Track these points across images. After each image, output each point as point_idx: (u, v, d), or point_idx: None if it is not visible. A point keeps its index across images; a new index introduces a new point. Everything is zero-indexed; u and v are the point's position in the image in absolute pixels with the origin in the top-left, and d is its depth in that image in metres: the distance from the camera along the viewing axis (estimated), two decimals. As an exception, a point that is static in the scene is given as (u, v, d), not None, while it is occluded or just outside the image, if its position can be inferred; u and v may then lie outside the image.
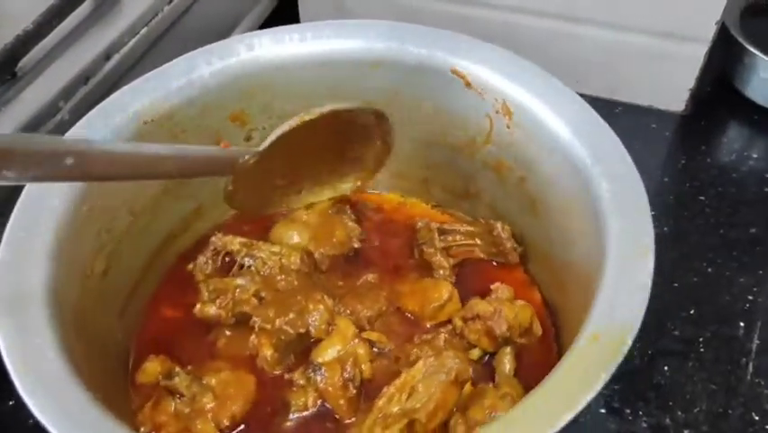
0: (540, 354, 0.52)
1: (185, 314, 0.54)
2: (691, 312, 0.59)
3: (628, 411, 0.53)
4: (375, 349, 0.51)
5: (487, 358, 0.51)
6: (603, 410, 0.54)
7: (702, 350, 0.57)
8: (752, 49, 0.71)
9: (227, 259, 0.55)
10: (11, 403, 0.54)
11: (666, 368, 0.56)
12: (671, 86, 0.73)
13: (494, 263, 0.57)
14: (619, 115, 0.75)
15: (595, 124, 0.50)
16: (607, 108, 0.75)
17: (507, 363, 0.50)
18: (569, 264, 0.50)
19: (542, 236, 0.55)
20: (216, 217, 0.59)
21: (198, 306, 0.53)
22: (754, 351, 0.57)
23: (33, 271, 0.43)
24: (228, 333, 0.53)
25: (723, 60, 0.75)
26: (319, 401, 0.49)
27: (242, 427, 0.49)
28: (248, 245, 0.55)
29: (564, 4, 0.70)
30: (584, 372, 0.38)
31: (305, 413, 0.49)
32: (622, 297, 0.41)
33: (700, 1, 0.66)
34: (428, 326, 0.53)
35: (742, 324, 0.58)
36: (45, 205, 0.46)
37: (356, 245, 0.57)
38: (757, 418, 0.53)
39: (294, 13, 0.79)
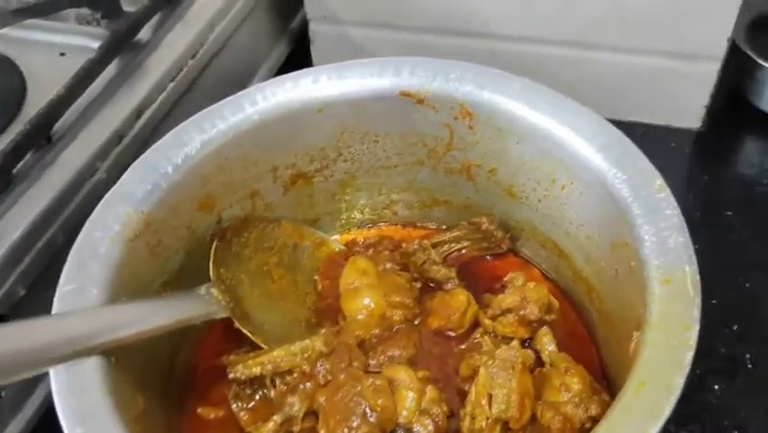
0: (566, 325, 0.54)
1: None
2: (735, 328, 0.59)
3: (684, 434, 0.53)
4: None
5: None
6: (659, 435, 0.53)
7: (750, 366, 0.57)
8: (762, 62, 0.72)
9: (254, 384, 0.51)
10: None
11: (716, 387, 0.56)
12: (686, 104, 0.74)
13: (487, 258, 0.59)
14: (637, 136, 0.74)
15: (546, 93, 0.53)
16: (624, 129, 0.75)
17: (549, 342, 0.51)
18: (564, 227, 0.54)
19: (524, 214, 0.57)
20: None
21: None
22: (804, 365, 0.57)
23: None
24: None
25: (735, 75, 0.76)
26: None
27: None
28: (263, 363, 0.50)
29: (576, 32, 0.71)
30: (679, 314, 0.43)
31: None
32: (664, 233, 0.45)
33: (710, 20, 0.67)
34: (457, 334, 0.53)
35: (787, 338, 0.59)
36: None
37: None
38: (815, 432, 0.53)
39: (309, 58, 0.78)
